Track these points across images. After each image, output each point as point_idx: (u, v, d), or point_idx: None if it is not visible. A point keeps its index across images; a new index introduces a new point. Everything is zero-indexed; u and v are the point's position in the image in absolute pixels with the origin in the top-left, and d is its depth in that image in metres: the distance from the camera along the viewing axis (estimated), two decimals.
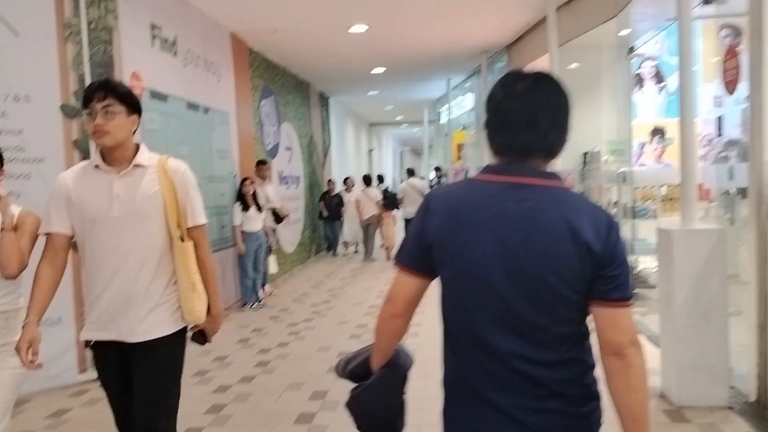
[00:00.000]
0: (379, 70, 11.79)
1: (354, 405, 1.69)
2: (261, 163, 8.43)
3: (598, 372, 1.50)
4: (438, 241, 1.48)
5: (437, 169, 14.96)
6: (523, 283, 1.40)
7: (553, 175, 1.48)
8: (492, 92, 1.51)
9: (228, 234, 7.80)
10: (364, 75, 12.15)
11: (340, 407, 4.14)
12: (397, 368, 1.67)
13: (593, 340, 1.50)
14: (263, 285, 8.09)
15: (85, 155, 4.79)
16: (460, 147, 14.31)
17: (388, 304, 1.60)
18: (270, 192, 8.40)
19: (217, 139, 7.64)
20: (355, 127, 19.60)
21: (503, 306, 1.43)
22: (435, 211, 1.51)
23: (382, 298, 1.67)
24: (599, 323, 1.45)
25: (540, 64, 7.99)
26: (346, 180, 13.04)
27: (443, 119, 16.65)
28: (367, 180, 12.58)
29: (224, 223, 7.69)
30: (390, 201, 11.87)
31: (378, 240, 12.06)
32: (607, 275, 1.41)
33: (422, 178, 15.85)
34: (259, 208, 7.63)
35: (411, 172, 13.43)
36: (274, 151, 10.07)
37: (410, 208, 11.48)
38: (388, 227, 11.75)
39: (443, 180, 14.06)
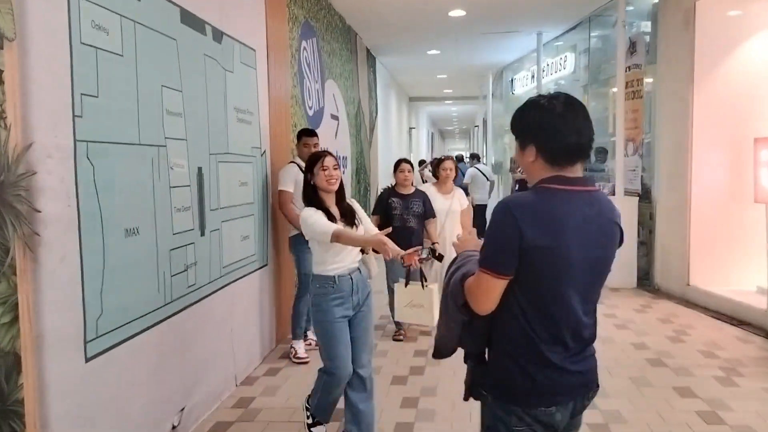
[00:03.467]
0: (458, 12, 8.52)
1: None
2: (306, 135, 5.08)
3: None
4: (541, 245, 1.67)
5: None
6: (595, 270, 1.79)
7: (593, 182, 2.09)
8: (542, 112, 1.76)
9: (252, 250, 4.62)
10: (437, 18, 8.83)
11: None
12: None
13: None
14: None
15: None
16: None
17: (476, 305, 1.77)
18: None
19: (236, 90, 4.39)
20: (398, 99, 16.25)
21: (582, 289, 1.78)
22: (531, 220, 1.68)
23: None
24: None
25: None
26: (420, 165, 7.54)
27: (518, 89, 13.29)
28: (475, 158, 11.49)
29: (246, 233, 4.51)
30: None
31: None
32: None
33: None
34: (353, 221, 3.27)
35: (477, 158, 12.83)
36: (317, 119, 6.81)
37: (478, 194, 10.89)
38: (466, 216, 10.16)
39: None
